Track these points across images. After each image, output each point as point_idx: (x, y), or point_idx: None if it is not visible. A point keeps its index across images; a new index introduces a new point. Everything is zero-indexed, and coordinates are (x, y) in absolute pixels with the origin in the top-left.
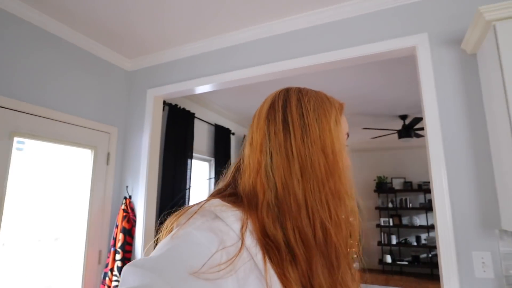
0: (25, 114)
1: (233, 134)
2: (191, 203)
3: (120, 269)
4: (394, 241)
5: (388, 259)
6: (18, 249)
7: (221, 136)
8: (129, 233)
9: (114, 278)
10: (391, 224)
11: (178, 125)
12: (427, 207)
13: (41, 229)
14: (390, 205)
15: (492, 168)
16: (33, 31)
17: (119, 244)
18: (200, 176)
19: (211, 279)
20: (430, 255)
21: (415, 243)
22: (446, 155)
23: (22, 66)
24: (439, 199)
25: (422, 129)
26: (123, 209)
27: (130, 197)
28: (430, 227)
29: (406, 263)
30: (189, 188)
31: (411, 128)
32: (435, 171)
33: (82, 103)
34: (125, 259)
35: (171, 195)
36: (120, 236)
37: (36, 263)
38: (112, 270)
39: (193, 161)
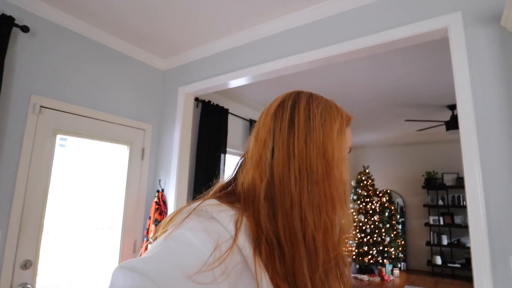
0: (67, 114)
1: None
2: None
3: None
4: (445, 242)
5: (438, 260)
6: (60, 238)
7: None
8: None
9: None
10: (441, 223)
11: (211, 120)
12: None
13: (81, 220)
14: (440, 202)
15: None
16: (77, 39)
17: (151, 235)
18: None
19: (204, 283)
20: None
21: (469, 245)
22: (480, 149)
23: (64, 70)
24: (472, 197)
25: None
26: (156, 202)
27: (162, 190)
28: None
29: (459, 265)
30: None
31: None
32: (468, 167)
33: (119, 102)
34: None
35: (204, 189)
36: (153, 227)
37: (75, 251)
38: None
39: (227, 156)
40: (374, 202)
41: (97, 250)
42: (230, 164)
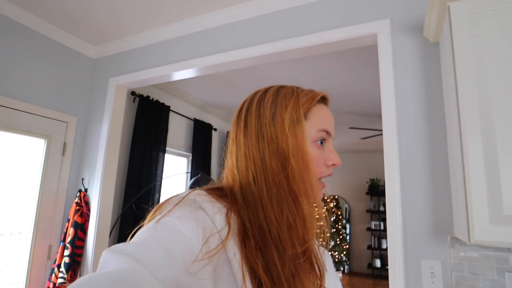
0: None
1: (215, 129)
2: (161, 198)
3: (67, 265)
4: (384, 245)
5: (378, 263)
6: None
7: (201, 131)
8: (81, 227)
9: (60, 274)
10: (382, 227)
11: (149, 117)
12: None
13: None
14: (382, 208)
15: (449, 170)
16: None
17: (68, 239)
18: (176, 171)
19: (191, 271)
20: None
21: None
22: (400, 156)
23: None
24: (391, 203)
25: None
26: (76, 203)
27: (86, 190)
28: None
29: None
30: (159, 182)
31: None
32: (388, 173)
33: (37, 90)
34: (75, 255)
35: (138, 189)
36: (71, 231)
37: None
38: (59, 266)
39: (167, 155)
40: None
41: (3, 257)
42: (171, 164)
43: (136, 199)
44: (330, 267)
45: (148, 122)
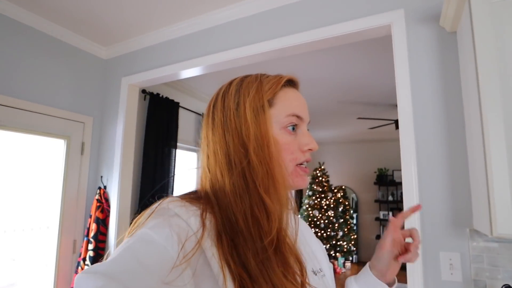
0: None
1: None
2: (174, 192)
3: (92, 259)
4: None
5: None
6: None
7: None
8: (103, 223)
9: (86, 267)
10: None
11: (160, 114)
12: None
13: (12, 219)
14: (390, 198)
15: (467, 162)
16: (1, 22)
17: (91, 234)
18: (186, 166)
19: (169, 281)
20: None
21: None
22: (417, 146)
23: None
24: (408, 194)
25: None
26: (97, 199)
27: (105, 187)
28: None
29: None
30: (172, 177)
31: None
32: (405, 163)
33: (54, 92)
34: (98, 249)
35: (152, 185)
36: (93, 226)
37: (8, 254)
38: (84, 259)
39: (178, 151)
40: (328, 197)
41: (33, 251)
42: (182, 160)
43: (151, 195)
44: (306, 233)
45: (159, 119)
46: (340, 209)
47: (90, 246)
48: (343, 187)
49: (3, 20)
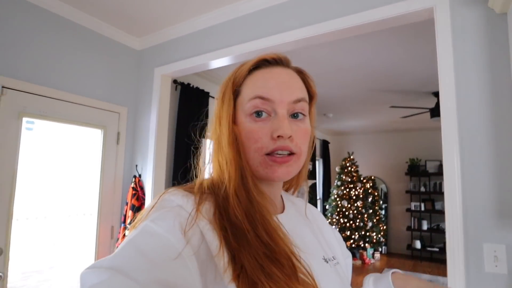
0: (33, 95)
1: None
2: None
3: None
4: (425, 227)
5: (418, 244)
6: (31, 224)
7: None
8: (138, 210)
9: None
10: (422, 209)
11: (191, 104)
12: None
13: (55, 206)
14: (422, 189)
15: None
16: (39, 14)
17: (128, 221)
18: None
19: (173, 271)
20: None
21: None
22: (460, 136)
23: (29, 48)
24: (450, 184)
25: None
26: (133, 187)
27: (139, 175)
28: None
29: (437, 249)
30: (204, 166)
31: None
32: (447, 154)
33: (90, 83)
34: None
35: (184, 174)
36: (130, 213)
37: (51, 237)
38: None
39: (209, 141)
40: (357, 188)
41: (73, 236)
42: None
43: (185, 183)
44: (320, 220)
45: (190, 108)
46: (369, 200)
47: (127, 232)
48: (373, 177)
49: (47, 16)
